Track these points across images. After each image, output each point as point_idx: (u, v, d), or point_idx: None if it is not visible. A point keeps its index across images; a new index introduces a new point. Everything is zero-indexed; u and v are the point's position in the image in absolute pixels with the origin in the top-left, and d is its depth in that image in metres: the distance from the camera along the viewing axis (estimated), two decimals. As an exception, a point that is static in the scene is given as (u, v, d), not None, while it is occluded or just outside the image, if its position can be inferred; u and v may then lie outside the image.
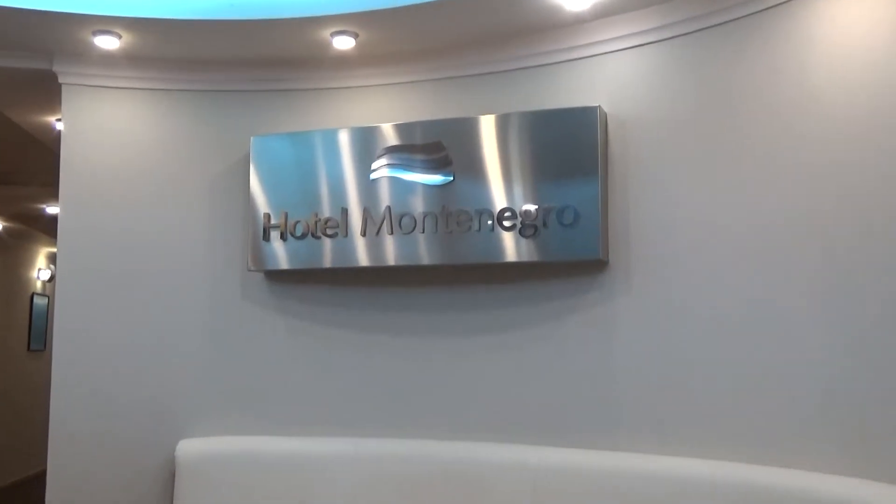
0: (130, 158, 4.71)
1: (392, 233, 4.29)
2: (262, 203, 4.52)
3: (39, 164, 6.42)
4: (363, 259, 4.36)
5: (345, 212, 4.39)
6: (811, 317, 3.44)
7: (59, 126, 4.97)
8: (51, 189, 5.43)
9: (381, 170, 4.35)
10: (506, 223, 4.10)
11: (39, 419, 5.58)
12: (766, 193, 3.62)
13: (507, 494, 3.95)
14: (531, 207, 4.06)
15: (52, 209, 8.18)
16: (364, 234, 4.34)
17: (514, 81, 4.34)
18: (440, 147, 4.26)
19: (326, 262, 4.43)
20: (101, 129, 4.71)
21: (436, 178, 4.26)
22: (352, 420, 4.45)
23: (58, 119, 5.17)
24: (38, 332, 9.94)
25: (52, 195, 5.43)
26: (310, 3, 4.09)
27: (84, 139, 4.69)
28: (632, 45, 4.06)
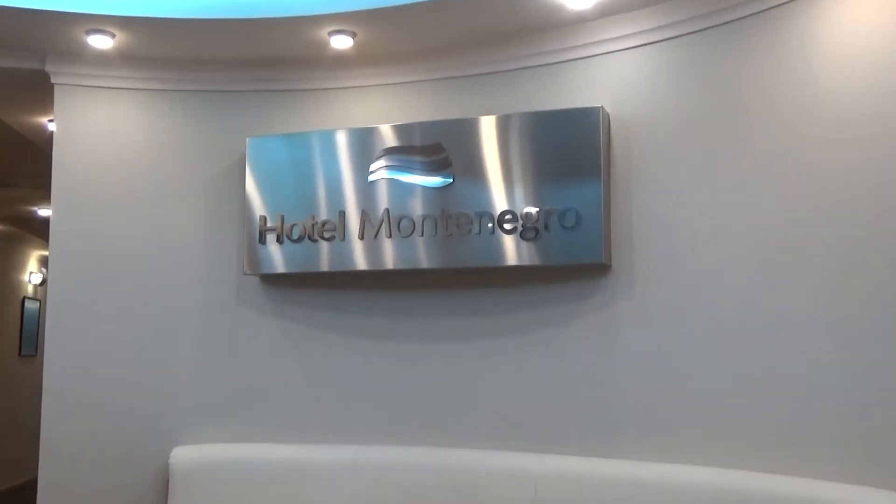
0: (124, 160, 4.71)
1: (391, 236, 4.30)
2: (259, 205, 4.52)
3: (31, 166, 6.43)
4: (361, 263, 4.36)
5: (342, 214, 4.39)
6: (816, 321, 3.45)
7: (52, 127, 4.97)
8: (43, 191, 5.44)
9: (380, 172, 4.36)
10: (506, 226, 4.10)
11: (31, 426, 5.58)
12: (771, 195, 3.63)
13: (508, 502, 3.94)
14: (532, 210, 4.07)
15: (45, 212, 8.18)
16: (362, 238, 4.35)
17: (515, 81, 4.34)
18: (440, 148, 4.27)
19: (324, 266, 4.43)
20: (95, 131, 4.71)
21: (435, 180, 4.26)
22: (350, 427, 4.45)
23: (50, 120, 5.17)
24: (30, 337, 9.93)
25: (45, 197, 5.44)
26: (307, 2, 4.10)
27: (77, 140, 4.69)
28: (635, 45, 4.06)
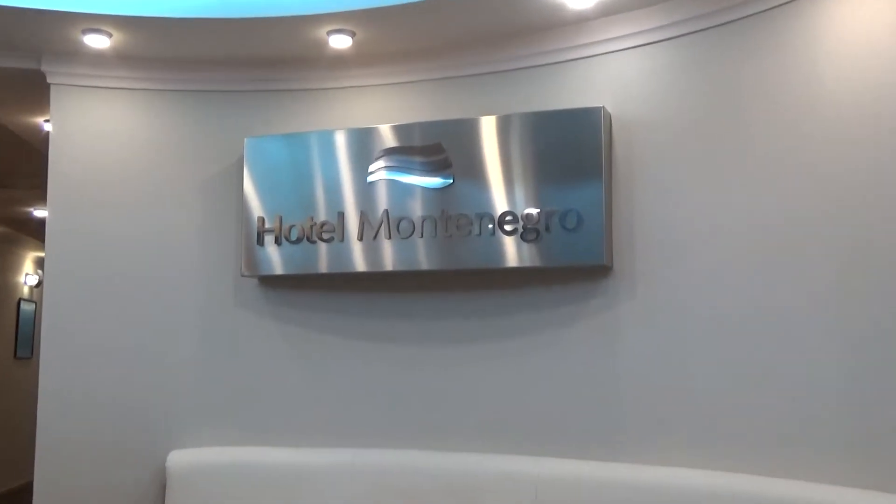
0: (121, 160, 4.71)
1: (390, 237, 4.29)
2: (257, 206, 4.52)
3: (27, 167, 6.43)
4: (360, 264, 4.35)
5: (341, 216, 4.39)
6: (817, 321, 3.44)
7: (48, 127, 4.97)
8: (38, 192, 5.43)
9: (379, 172, 4.36)
10: (507, 227, 4.10)
11: (26, 429, 5.58)
12: (773, 195, 3.63)
13: (509, 507, 3.95)
14: (533, 211, 4.07)
15: (40, 212, 8.18)
16: (361, 239, 4.34)
17: (516, 81, 4.34)
18: (439, 149, 4.27)
19: (322, 268, 4.43)
20: (91, 131, 4.71)
21: (435, 181, 4.26)
22: (349, 430, 4.45)
23: (46, 120, 5.17)
24: (25, 339, 9.93)
25: (40, 198, 5.44)
26: (306, 1, 4.09)
27: (73, 141, 4.69)
28: (636, 45, 4.06)
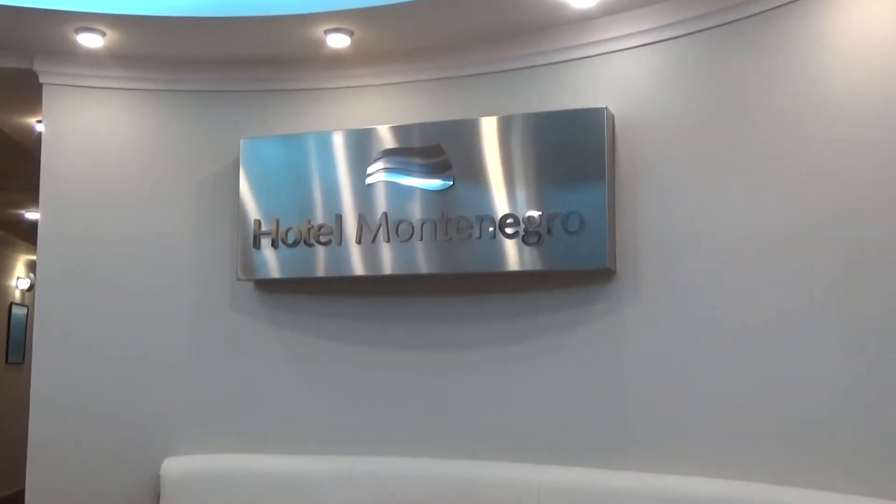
0: (114, 162, 4.71)
1: (389, 240, 4.29)
2: (253, 209, 4.51)
3: (19, 168, 6.42)
4: (358, 268, 4.35)
5: (339, 218, 4.39)
6: (826, 326, 3.44)
7: (40, 128, 4.97)
8: (31, 194, 5.42)
9: (378, 174, 4.35)
10: (508, 230, 4.10)
11: (18, 435, 5.57)
12: (779, 197, 3.62)
13: (510, 515, 3.94)
14: (534, 214, 4.06)
15: (32, 215, 8.18)
16: (359, 242, 4.34)
17: (517, 81, 4.34)
18: (439, 150, 4.26)
19: (320, 271, 4.43)
20: (84, 132, 4.71)
21: (435, 183, 4.26)
22: (347, 437, 4.44)
23: (38, 121, 5.17)
24: (17, 344, 9.91)
25: (32, 200, 5.43)
26: (303, 0, 4.10)
27: (66, 142, 4.69)
28: (640, 44, 4.06)
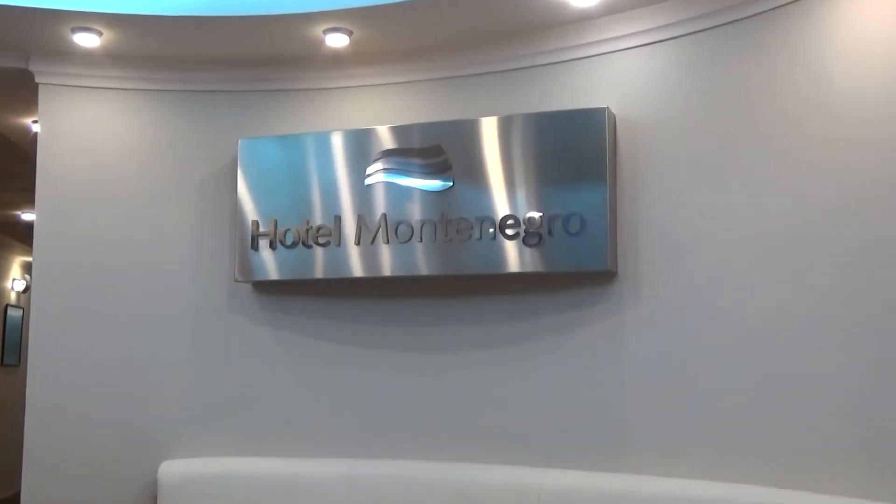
0: (111, 163, 4.70)
1: (388, 242, 4.29)
2: (251, 210, 4.51)
3: (14, 169, 6.42)
4: (357, 269, 4.35)
5: (338, 219, 4.38)
6: (831, 329, 3.44)
7: (36, 128, 4.97)
8: (27, 195, 5.41)
9: (377, 175, 4.35)
10: (508, 231, 4.10)
11: (13, 438, 5.56)
12: (783, 198, 3.62)
13: (510, 519, 3.94)
14: (535, 215, 4.06)
15: (28, 216, 8.17)
16: (358, 243, 4.34)
17: (518, 81, 4.34)
18: (439, 151, 4.26)
19: (318, 273, 4.42)
20: (81, 132, 4.70)
21: (434, 184, 4.25)
22: (345, 440, 4.44)
23: (34, 121, 5.16)
24: (13, 346, 9.91)
25: (28, 201, 5.42)
26: (302, -1, 4.11)
27: (62, 142, 4.68)
28: (642, 43, 4.06)
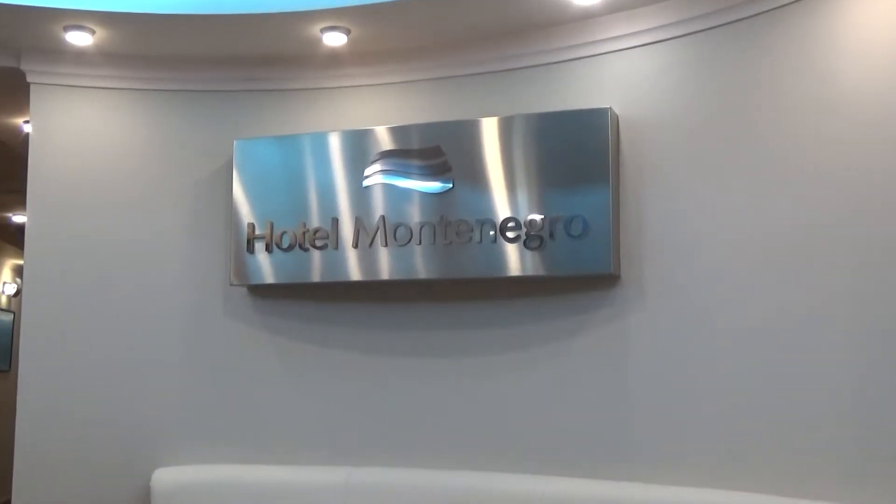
0: (104, 164, 4.69)
1: (386, 244, 4.28)
2: (246, 212, 4.50)
3: (5, 170, 6.40)
4: (355, 273, 4.34)
5: (335, 222, 4.37)
6: (840, 334, 3.43)
7: (28, 128, 4.96)
8: (18, 196, 5.42)
9: (375, 176, 4.34)
10: (509, 234, 4.09)
11: (4, 445, 5.54)
12: (789, 200, 3.62)
13: (511, 528, 3.93)
14: (536, 217, 4.05)
15: (19, 218, 8.17)
16: (356, 246, 4.33)
17: (519, 81, 4.33)
18: (438, 152, 4.25)
19: (315, 277, 4.41)
20: (73, 132, 4.69)
21: (434, 186, 4.25)
22: (343, 447, 4.43)
23: (26, 121, 5.17)
24: (3, 351, 9.90)
25: (20, 203, 5.43)
26: (299, -3, 4.10)
27: (54, 143, 4.67)
28: (645, 43, 4.05)
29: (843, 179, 3.44)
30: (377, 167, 4.34)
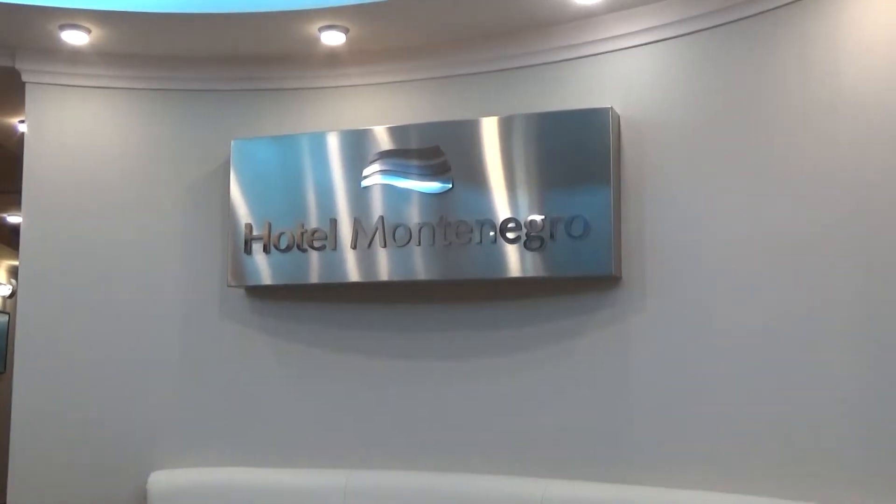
0: (100, 164, 4.69)
1: (385, 245, 4.27)
2: (244, 213, 4.49)
3: (0, 170, 6.39)
4: (353, 274, 4.33)
5: (334, 222, 4.37)
6: (842, 335, 3.42)
7: (23, 128, 4.96)
8: (13, 196, 5.40)
9: (374, 177, 4.34)
10: (509, 235, 4.08)
11: (-1, 448, 5.55)
12: (792, 201, 3.61)
13: (511, 532, 3.93)
14: (537, 218, 4.05)
15: (14, 218, 8.14)
16: (354, 247, 4.32)
17: (519, 80, 4.32)
18: (438, 152, 4.25)
19: (313, 278, 4.41)
20: (69, 132, 4.69)
21: (433, 186, 4.24)
22: (341, 450, 4.42)
23: (21, 121, 5.16)
24: (-2, 353, 9.89)
25: (15, 203, 5.40)
26: (296, -5, 4.10)
27: (49, 143, 4.67)
28: (647, 42, 4.05)
29: (846, 179, 3.44)
30: (376, 167, 4.33)
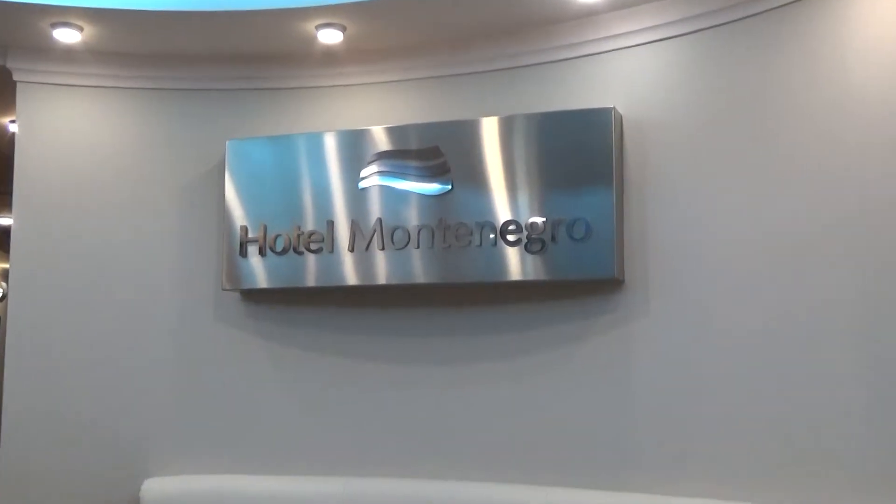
0: (92, 164, 4.68)
1: (383, 248, 4.27)
2: (239, 214, 4.49)
3: (-9, 171, 6.39)
4: (351, 277, 4.33)
5: (331, 224, 4.36)
6: (847, 338, 3.42)
7: (14, 128, 4.96)
8: (3, 198, 5.40)
9: (372, 178, 4.33)
10: (510, 237, 4.08)
11: (-12, 454, 5.53)
12: (798, 202, 3.61)
13: (512, 540, 3.92)
14: (538, 220, 4.04)
15: (5, 220, 8.13)
16: (352, 250, 4.31)
17: (520, 80, 4.32)
18: (437, 153, 4.24)
19: (310, 281, 4.40)
20: (60, 132, 4.68)
21: (432, 188, 4.23)
22: (339, 457, 4.41)
23: (12, 120, 5.16)
24: (-12, 357, 9.89)
25: (5, 204, 5.40)
26: (293, -7, 4.10)
27: (41, 143, 4.66)
28: (649, 41, 4.05)
29: (849, 179, 3.44)
30: (374, 168, 4.33)
